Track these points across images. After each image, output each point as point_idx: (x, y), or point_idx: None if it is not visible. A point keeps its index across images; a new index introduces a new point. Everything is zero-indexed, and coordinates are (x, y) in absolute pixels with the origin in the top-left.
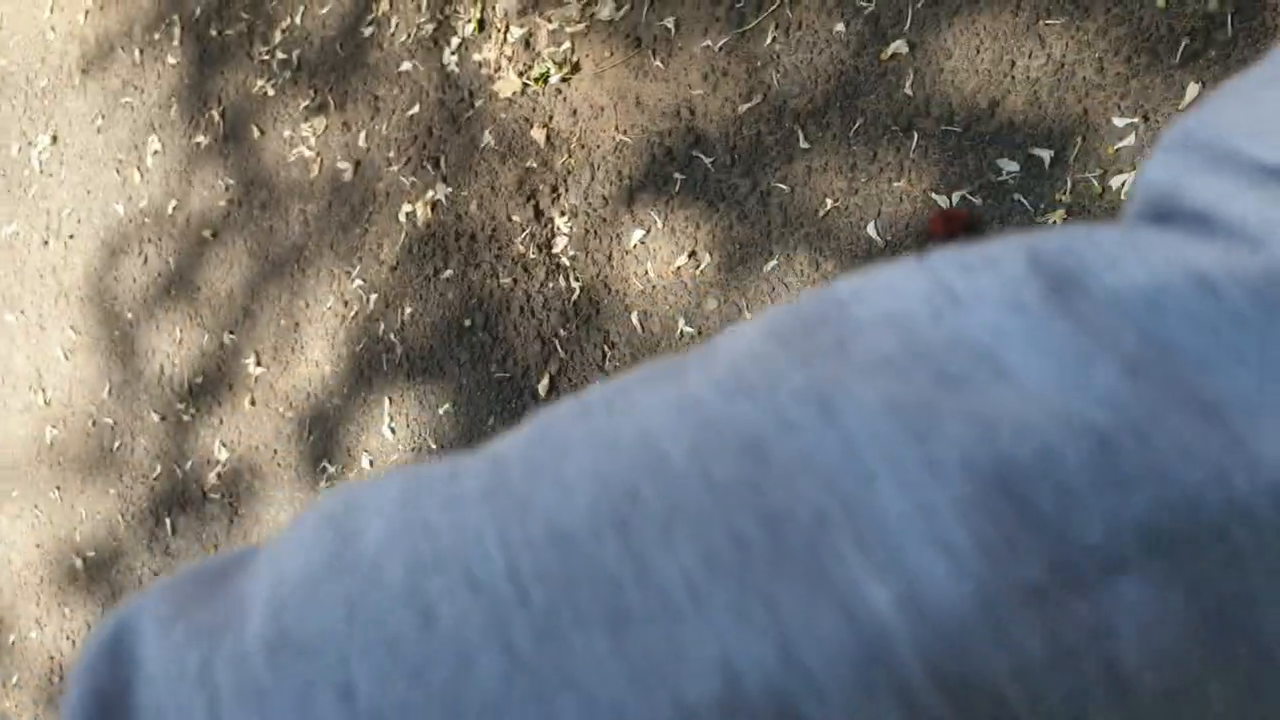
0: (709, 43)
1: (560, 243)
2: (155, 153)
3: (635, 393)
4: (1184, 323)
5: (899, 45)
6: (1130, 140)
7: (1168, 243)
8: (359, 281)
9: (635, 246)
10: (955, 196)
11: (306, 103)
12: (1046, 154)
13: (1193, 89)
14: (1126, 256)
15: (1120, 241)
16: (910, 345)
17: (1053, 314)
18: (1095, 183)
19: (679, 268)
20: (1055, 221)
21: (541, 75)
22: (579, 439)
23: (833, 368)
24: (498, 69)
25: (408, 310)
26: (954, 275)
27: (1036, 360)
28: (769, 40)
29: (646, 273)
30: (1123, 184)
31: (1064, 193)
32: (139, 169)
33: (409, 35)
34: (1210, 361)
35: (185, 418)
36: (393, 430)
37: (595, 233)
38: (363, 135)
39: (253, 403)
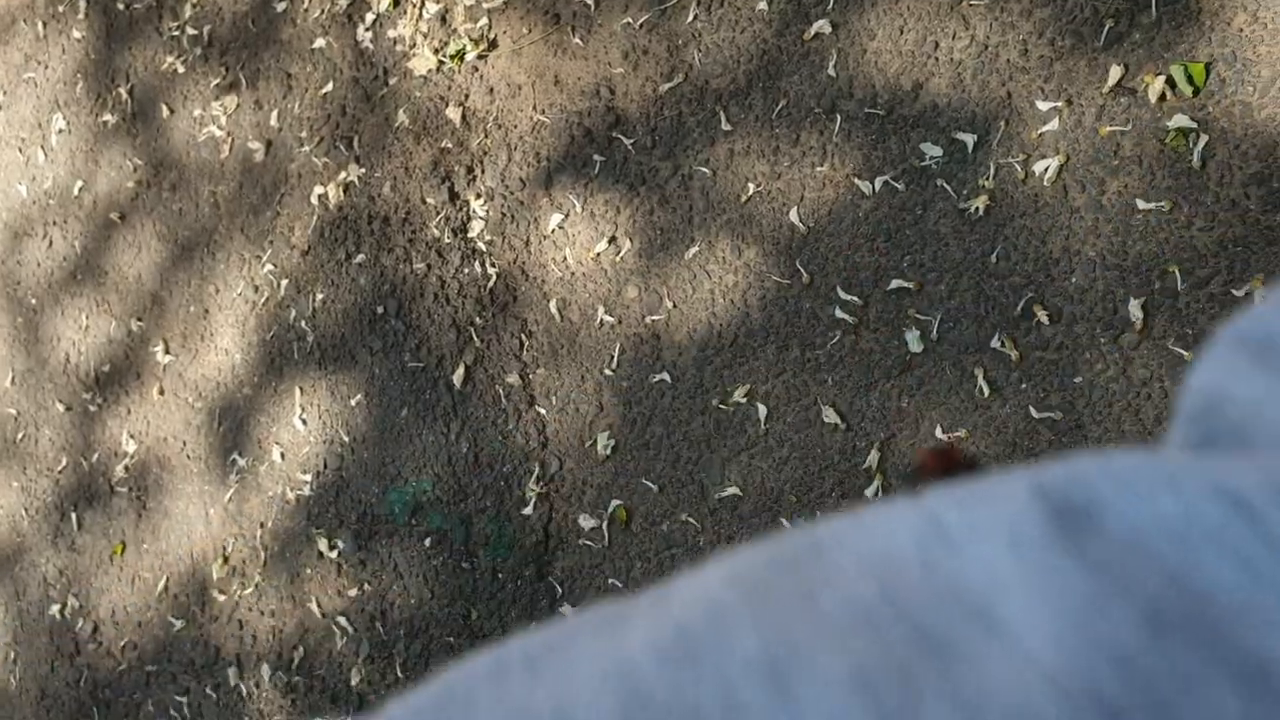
0: (629, 19)
1: (476, 227)
2: (60, 131)
3: (565, 649)
4: (1218, 559)
5: (822, 25)
6: (1054, 125)
7: (1204, 467)
8: (270, 266)
9: (553, 231)
10: (878, 182)
11: (217, 80)
12: (970, 138)
13: (1115, 71)
14: (1152, 485)
15: (1144, 468)
16: (892, 596)
17: (1059, 552)
18: (1019, 168)
19: (598, 254)
20: (977, 209)
21: (457, 52)
22: (485, 709)
23: (797, 627)
24: (413, 46)
25: (319, 296)
26: (947, 509)
27: (1037, 610)
28: (690, 18)
29: (565, 259)
30: (1046, 169)
31: (987, 178)
32: (43, 148)
33: (322, 11)
34: (1251, 607)
35: (91, 408)
36: (304, 421)
37: (512, 216)
38: (274, 114)
39: (161, 392)
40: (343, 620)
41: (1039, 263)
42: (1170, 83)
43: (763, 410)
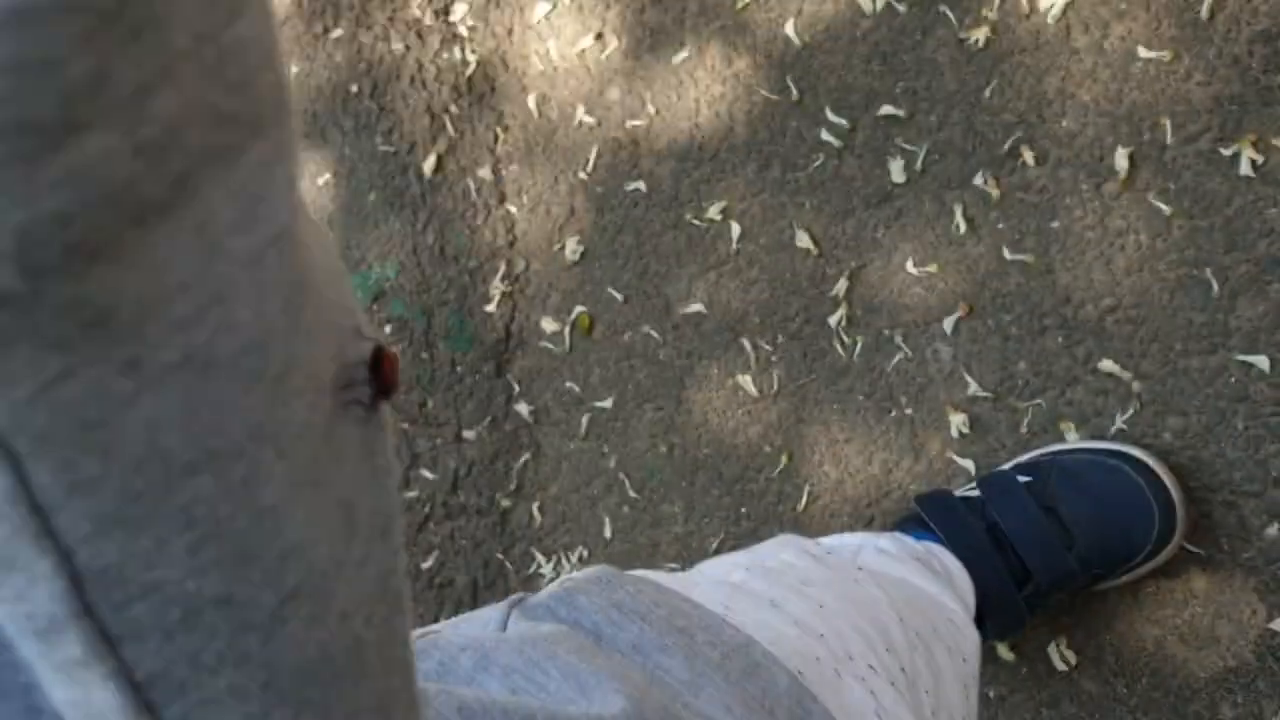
0: None
1: (459, 10)
2: None
3: None
4: None
5: None
6: None
7: None
8: None
9: (539, 22)
10: (880, 1)
11: None
12: None
13: None
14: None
15: None
16: None
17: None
18: (1024, 1)
19: (583, 50)
20: (977, 40)
21: None
22: None
23: None
24: None
25: (293, 69)
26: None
27: None
28: None
29: (548, 52)
30: (1051, 6)
31: (991, 8)
32: None
33: None
34: None
35: None
36: None
37: (497, 2)
38: None
39: None
40: None
41: (1032, 102)
42: None
43: (736, 229)
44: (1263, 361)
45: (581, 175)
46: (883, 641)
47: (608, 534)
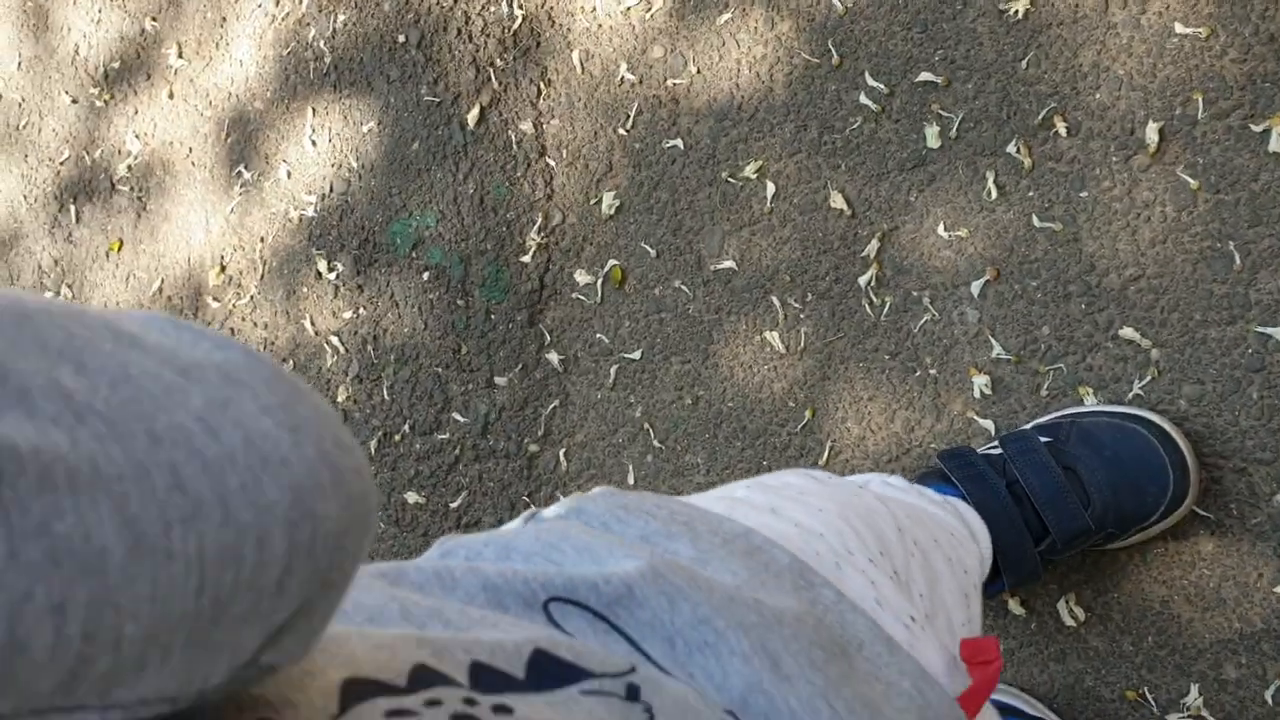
0: None
1: None
2: None
3: None
4: None
5: None
6: None
7: None
8: None
9: None
10: None
11: None
12: None
13: None
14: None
15: None
16: None
17: None
18: None
19: (629, 8)
20: (1017, 11)
21: None
22: None
23: None
24: None
25: (340, 18)
26: None
27: None
28: None
29: (594, 9)
30: None
31: None
32: None
33: None
34: None
35: (98, 103)
36: (314, 143)
37: None
38: None
39: (171, 96)
40: (335, 340)
41: (1067, 74)
42: None
43: (771, 188)
44: None
45: (621, 131)
46: (878, 545)
47: (631, 481)
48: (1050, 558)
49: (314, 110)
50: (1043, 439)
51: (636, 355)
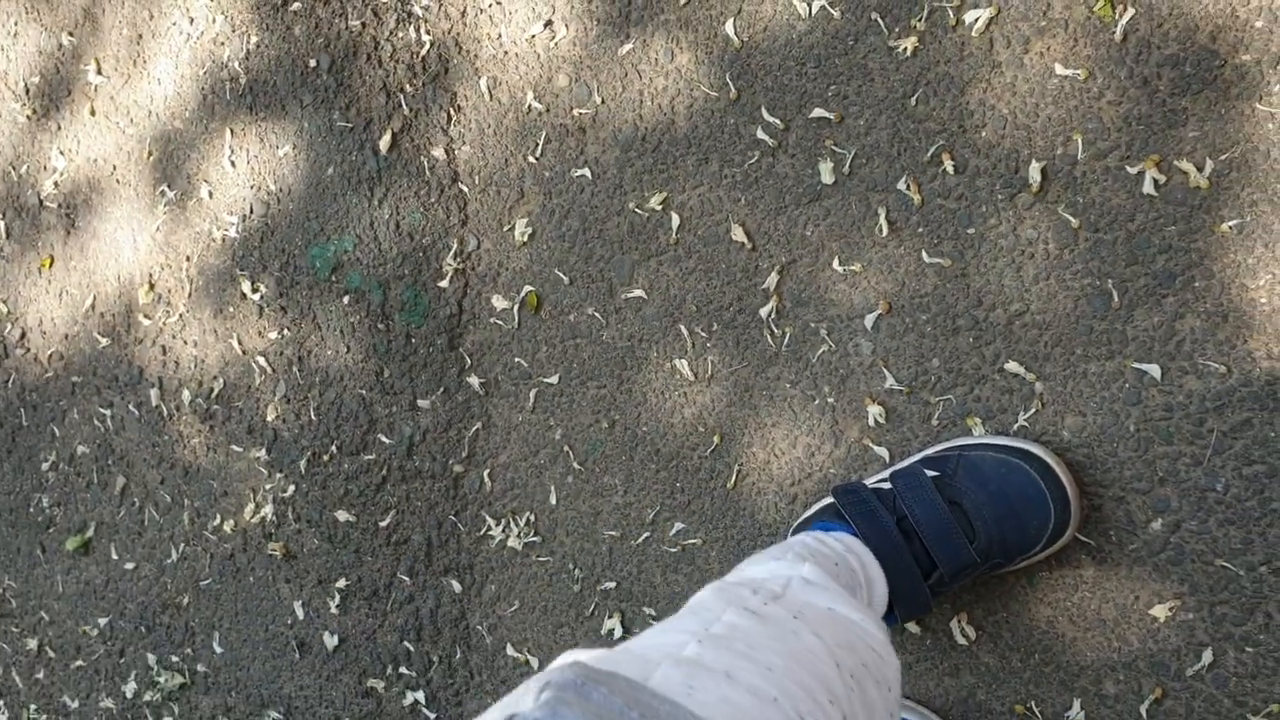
0: None
1: None
2: None
3: None
4: None
5: None
6: None
7: None
8: (206, 1)
9: (491, 6)
10: (815, 5)
11: None
12: None
13: None
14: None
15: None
16: None
17: None
18: (951, 13)
19: (533, 36)
20: (906, 49)
21: None
22: None
23: None
24: None
25: (254, 40)
26: None
27: None
28: None
29: (500, 36)
30: (976, 19)
31: (920, 19)
32: None
33: None
34: None
35: (20, 118)
36: (233, 164)
37: None
38: None
39: (93, 113)
40: (262, 360)
41: (954, 112)
42: None
43: (676, 220)
44: (1155, 370)
45: (531, 159)
46: (825, 694)
47: (553, 501)
48: (940, 590)
49: (232, 131)
50: (930, 473)
51: (554, 380)
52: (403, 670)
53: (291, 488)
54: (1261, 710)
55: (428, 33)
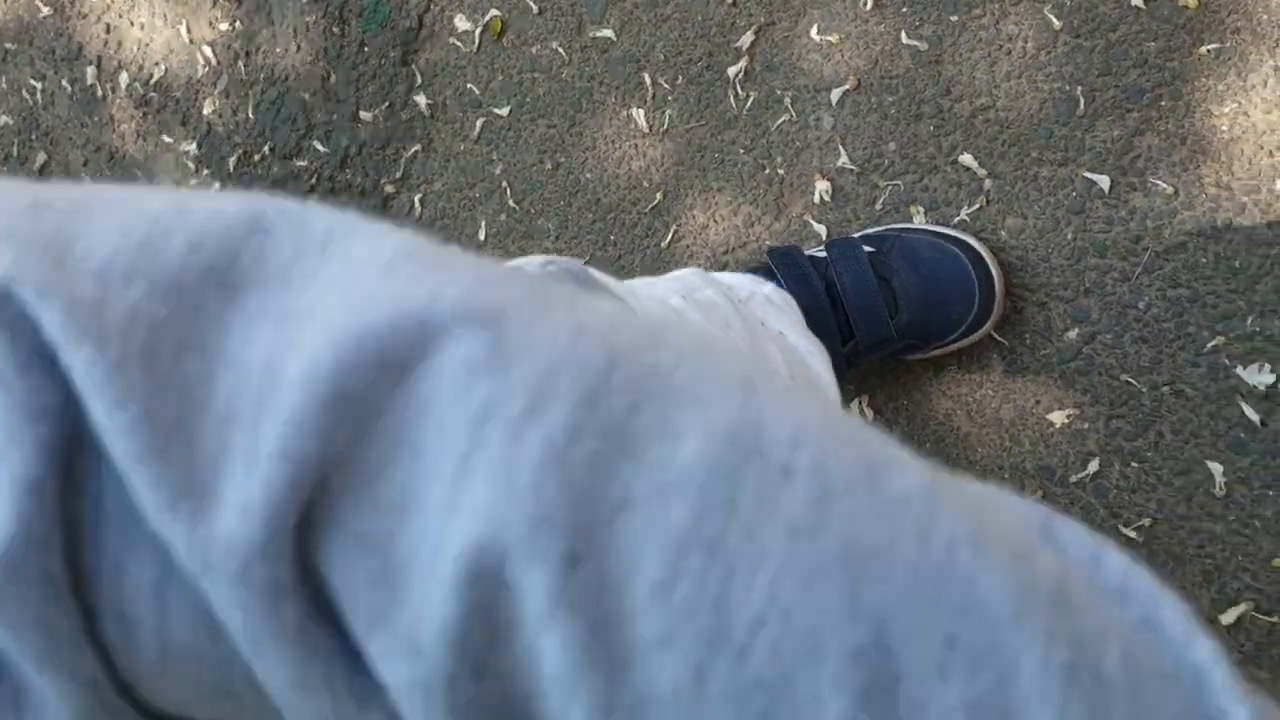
0: None
1: None
2: None
3: None
4: None
5: None
6: None
7: None
8: None
9: None
10: None
11: None
12: None
13: None
14: None
15: None
16: None
17: None
18: None
19: None
20: None
21: None
22: None
23: None
24: None
25: None
26: None
27: None
28: None
29: None
30: None
31: None
32: None
33: None
34: None
35: None
36: None
37: None
38: None
39: None
40: (208, 50)
41: None
42: None
43: None
44: (1105, 181)
45: None
46: None
47: (481, 237)
48: (854, 360)
49: None
50: (866, 248)
51: (504, 112)
52: None
53: (217, 185)
54: (1134, 524)
55: None
